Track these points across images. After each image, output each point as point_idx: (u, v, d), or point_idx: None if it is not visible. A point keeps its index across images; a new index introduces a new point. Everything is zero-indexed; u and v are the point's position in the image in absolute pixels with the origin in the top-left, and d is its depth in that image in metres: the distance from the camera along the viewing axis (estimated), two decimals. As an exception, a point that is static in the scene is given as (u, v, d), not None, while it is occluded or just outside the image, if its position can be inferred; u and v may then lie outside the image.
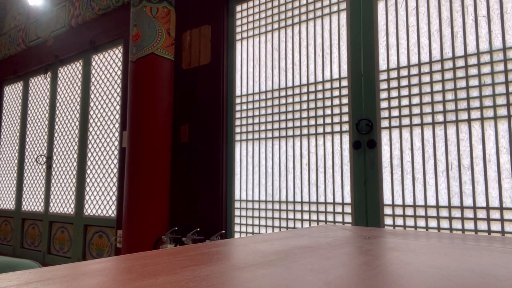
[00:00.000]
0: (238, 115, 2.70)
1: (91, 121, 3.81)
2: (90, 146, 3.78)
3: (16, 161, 4.73)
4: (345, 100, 2.22)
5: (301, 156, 2.36)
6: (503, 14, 1.79)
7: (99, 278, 0.40)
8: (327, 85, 2.29)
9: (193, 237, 2.56)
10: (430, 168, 1.91)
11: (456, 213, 1.83)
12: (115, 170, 3.49)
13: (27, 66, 4.63)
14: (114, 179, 3.50)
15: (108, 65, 3.73)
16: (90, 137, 3.79)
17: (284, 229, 2.38)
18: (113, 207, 3.48)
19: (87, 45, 3.85)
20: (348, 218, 2.15)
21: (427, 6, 2.00)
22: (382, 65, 2.11)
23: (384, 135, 2.07)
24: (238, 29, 2.79)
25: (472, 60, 1.84)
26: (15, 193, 4.66)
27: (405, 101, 2.01)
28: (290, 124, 2.43)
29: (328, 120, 2.27)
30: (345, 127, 2.20)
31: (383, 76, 2.10)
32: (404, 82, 2.03)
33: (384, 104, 2.08)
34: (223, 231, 2.57)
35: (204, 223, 2.70)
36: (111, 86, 3.66)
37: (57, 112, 4.22)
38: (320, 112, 2.30)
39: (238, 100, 2.72)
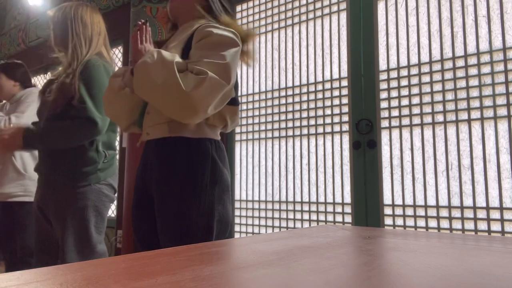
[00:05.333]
0: (238, 115, 2.70)
1: (91, 121, 3.80)
2: (90, 146, 3.78)
3: (16, 161, 4.73)
4: (345, 100, 2.22)
5: (301, 156, 2.36)
6: (503, 14, 1.79)
7: (99, 278, 0.40)
8: (327, 85, 2.29)
9: (193, 237, 2.56)
10: (430, 168, 1.91)
11: (456, 213, 1.83)
12: (115, 170, 3.48)
13: (27, 66, 4.62)
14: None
15: (108, 65, 3.72)
16: (90, 137, 3.78)
17: (284, 229, 2.38)
18: (113, 207, 3.48)
19: (87, 45, 3.85)
20: (348, 218, 2.15)
21: (427, 6, 2.00)
22: (382, 65, 2.11)
23: (384, 135, 2.07)
24: (238, 29, 2.79)
25: (472, 60, 1.84)
26: (15, 193, 4.65)
27: (405, 101, 2.01)
28: (290, 124, 2.43)
29: (328, 120, 2.27)
30: (345, 127, 2.20)
31: (383, 76, 2.10)
32: (404, 82, 2.03)
33: (384, 104, 2.08)
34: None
35: (204, 223, 2.69)
36: None
37: (57, 112, 4.21)
38: (320, 112, 2.30)
39: (238, 100, 2.72)
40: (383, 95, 2.09)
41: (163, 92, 0.99)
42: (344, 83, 2.23)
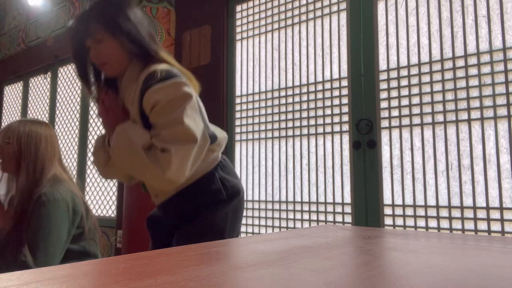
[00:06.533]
0: (238, 115, 2.70)
1: (91, 121, 3.81)
2: (90, 146, 3.78)
3: (16, 161, 4.72)
4: (345, 100, 2.22)
5: (301, 156, 2.36)
6: (503, 14, 1.79)
7: (99, 278, 0.40)
8: (327, 85, 2.29)
9: (193, 237, 2.56)
10: (430, 168, 1.91)
11: (456, 213, 1.83)
12: (115, 170, 3.48)
13: (27, 66, 4.63)
14: (114, 179, 3.49)
15: (108, 65, 3.72)
16: (90, 137, 3.79)
17: (284, 229, 2.38)
18: (113, 207, 3.48)
19: (87, 45, 3.85)
20: (348, 218, 2.15)
21: (427, 6, 2.00)
22: (382, 65, 2.11)
23: (384, 135, 2.07)
24: (238, 29, 2.79)
25: (472, 60, 1.84)
26: (15, 193, 4.65)
27: (405, 101, 2.01)
28: (290, 124, 2.43)
29: (328, 120, 2.27)
30: (345, 127, 2.20)
31: (383, 76, 2.10)
32: (404, 82, 2.03)
33: (384, 104, 2.08)
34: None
35: (204, 223, 2.69)
36: None
37: (57, 112, 4.22)
38: (320, 112, 2.30)
39: (238, 100, 2.72)
40: (383, 95, 2.09)
41: (141, 176, 1.07)
42: (344, 83, 2.23)
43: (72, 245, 1.35)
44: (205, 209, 1.12)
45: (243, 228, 2.60)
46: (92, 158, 1.23)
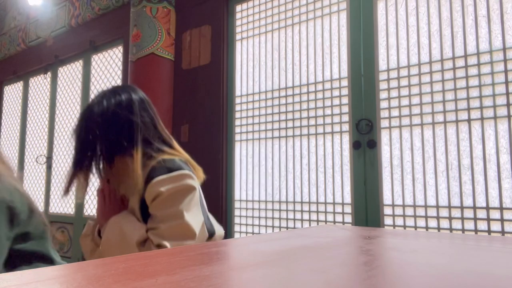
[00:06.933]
0: (238, 115, 2.70)
1: (91, 121, 3.80)
2: (90, 146, 3.78)
3: (16, 161, 4.73)
4: (345, 100, 2.22)
5: (301, 156, 2.36)
6: (503, 14, 1.79)
7: (99, 278, 0.40)
8: (327, 85, 2.29)
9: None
10: (430, 168, 1.91)
11: (456, 213, 1.83)
12: (115, 170, 3.48)
13: (27, 66, 4.63)
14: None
15: (108, 65, 3.73)
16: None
17: (284, 229, 2.38)
18: (113, 207, 3.47)
19: (87, 45, 3.85)
20: (348, 218, 2.15)
21: (427, 6, 2.00)
22: (382, 65, 2.11)
23: (384, 135, 2.07)
24: (238, 29, 2.79)
25: (472, 60, 1.84)
26: (15, 193, 4.64)
27: (405, 101, 2.01)
28: (290, 124, 2.43)
29: (328, 120, 2.27)
30: (345, 127, 2.20)
31: (383, 76, 2.10)
32: (404, 82, 2.03)
33: (384, 104, 2.08)
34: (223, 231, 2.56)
35: (204, 223, 2.69)
36: (111, 86, 3.65)
37: (57, 112, 4.21)
38: (320, 112, 2.30)
39: (238, 100, 2.72)
40: (383, 95, 2.09)
41: None
42: (344, 83, 2.23)
43: (19, 245, 1.22)
44: None
45: (243, 228, 2.60)
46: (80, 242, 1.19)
